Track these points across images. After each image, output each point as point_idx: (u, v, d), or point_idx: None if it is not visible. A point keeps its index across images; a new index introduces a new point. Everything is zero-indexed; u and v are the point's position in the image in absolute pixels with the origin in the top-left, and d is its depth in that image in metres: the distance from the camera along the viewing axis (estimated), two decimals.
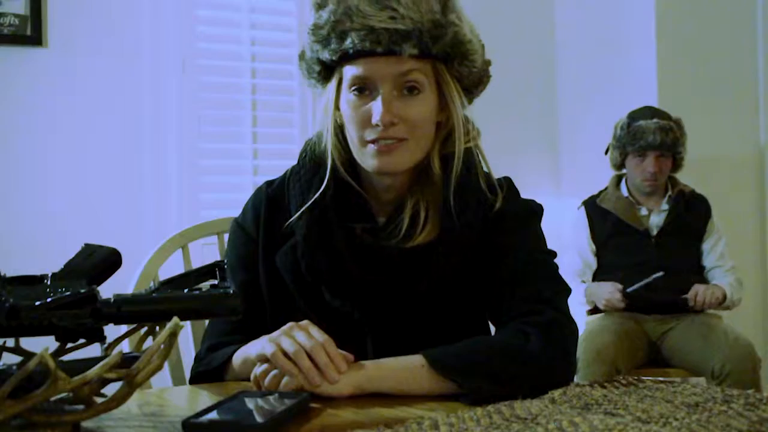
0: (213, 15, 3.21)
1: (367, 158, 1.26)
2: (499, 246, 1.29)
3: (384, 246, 1.27)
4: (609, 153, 3.29)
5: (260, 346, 1.14)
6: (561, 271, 1.32)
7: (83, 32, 2.96)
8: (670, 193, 3.22)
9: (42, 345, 0.84)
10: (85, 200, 2.95)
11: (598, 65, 3.81)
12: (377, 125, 1.22)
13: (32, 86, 2.89)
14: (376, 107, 1.22)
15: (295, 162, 1.36)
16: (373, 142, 1.24)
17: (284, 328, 1.14)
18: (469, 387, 1.09)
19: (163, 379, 1.59)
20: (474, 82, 1.31)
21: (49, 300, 0.88)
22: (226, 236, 1.45)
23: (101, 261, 1.00)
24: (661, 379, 1.21)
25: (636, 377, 1.20)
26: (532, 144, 3.89)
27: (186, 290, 0.98)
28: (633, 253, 3.13)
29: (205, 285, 1.02)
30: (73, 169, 2.94)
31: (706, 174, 3.56)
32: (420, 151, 1.27)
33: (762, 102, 3.83)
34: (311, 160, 1.33)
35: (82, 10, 2.96)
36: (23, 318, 0.87)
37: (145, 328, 1.03)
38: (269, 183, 1.40)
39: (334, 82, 1.28)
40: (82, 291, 0.90)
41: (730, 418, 0.94)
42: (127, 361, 0.90)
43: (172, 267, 1.63)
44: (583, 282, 3.19)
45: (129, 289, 1.54)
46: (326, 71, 1.29)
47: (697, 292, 3.05)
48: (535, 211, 1.35)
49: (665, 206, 3.21)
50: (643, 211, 3.22)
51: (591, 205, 3.28)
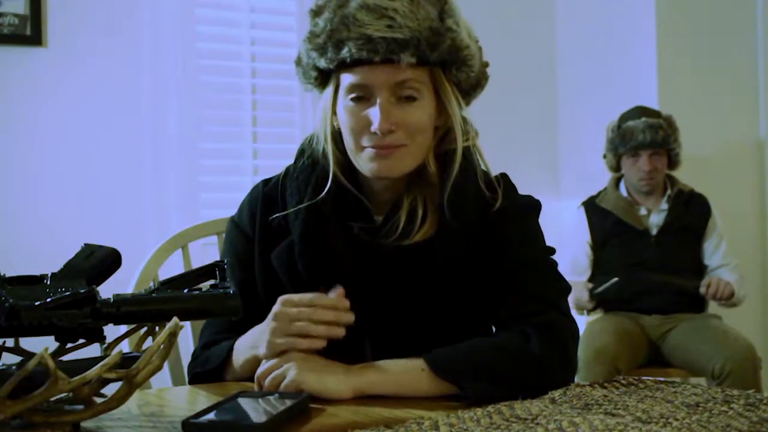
0: (213, 15, 3.21)
1: (365, 163, 1.25)
2: (497, 242, 1.28)
3: (381, 244, 1.27)
4: (605, 156, 3.31)
5: (252, 340, 1.20)
6: (560, 271, 1.32)
7: (83, 32, 2.96)
8: (669, 192, 3.22)
9: (42, 345, 0.84)
10: (85, 200, 2.95)
11: (598, 65, 3.81)
12: (376, 133, 1.21)
13: (32, 86, 2.89)
14: (375, 115, 1.21)
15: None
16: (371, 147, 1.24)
17: (269, 318, 1.16)
18: (471, 389, 1.09)
19: (162, 379, 1.59)
20: (472, 86, 1.30)
21: (48, 300, 0.88)
22: None
23: (101, 261, 1.00)
24: (661, 379, 1.21)
25: (636, 377, 1.20)
26: (532, 144, 3.88)
27: (186, 290, 0.98)
28: (633, 253, 3.14)
29: (205, 285, 1.03)
30: (73, 169, 2.94)
31: (705, 172, 3.56)
32: (419, 155, 1.27)
33: (762, 100, 3.82)
34: (308, 158, 1.33)
35: (81, 10, 2.96)
36: (23, 318, 0.87)
37: (145, 328, 1.03)
38: (266, 181, 1.40)
39: (331, 89, 1.27)
40: (82, 291, 0.90)
41: (731, 418, 0.94)
42: (126, 361, 0.90)
43: (172, 267, 1.63)
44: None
45: (129, 289, 1.54)
46: (323, 77, 1.29)
47: (711, 281, 3.05)
48: (533, 206, 1.35)
49: (665, 206, 3.21)
50: (643, 211, 3.22)
51: (591, 206, 3.28)
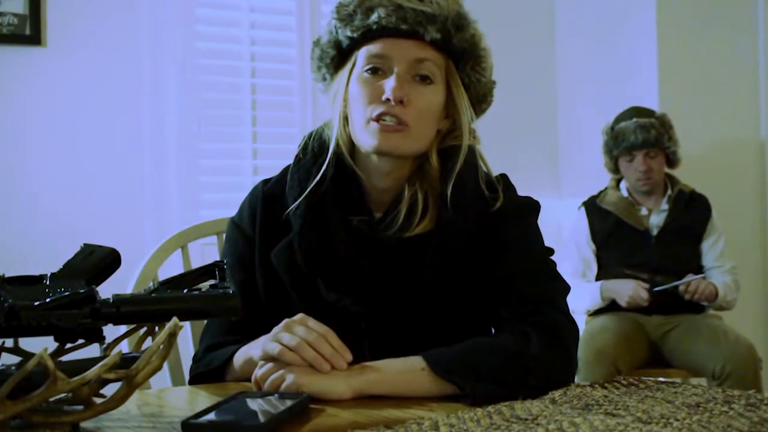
0: (213, 14, 3.21)
1: (368, 137, 1.26)
2: (497, 242, 1.29)
3: (381, 236, 1.28)
4: (604, 159, 3.31)
5: (261, 345, 1.14)
6: (561, 271, 1.32)
7: (82, 32, 2.96)
8: (669, 192, 3.22)
9: (41, 345, 0.83)
10: (85, 200, 2.95)
11: (598, 65, 3.81)
12: (387, 100, 1.23)
13: (31, 86, 2.89)
14: (389, 84, 1.24)
15: None
16: (377, 119, 1.24)
17: (281, 325, 1.14)
18: (471, 389, 1.09)
19: (162, 379, 1.59)
20: (479, 97, 1.33)
21: (48, 300, 0.88)
22: None
23: (100, 261, 1.00)
24: (661, 379, 1.21)
25: (636, 378, 1.20)
26: (532, 144, 3.88)
27: (186, 290, 0.98)
28: (633, 253, 3.14)
29: (205, 285, 1.02)
30: (73, 169, 2.94)
31: (705, 172, 3.56)
32: (419, 142, 1.28)
33: (763, 100, 3.82)
34: (312, 150, 1.33)
35: (81, 9, 2.95)
36: (22, 318, 0.87)
37: (145, 329, 1.02)
38: (266, 181, 1.40)
39: (347, 68, 1.29)
40: (81, 291, 0.90)
41: (731, 418, 0.94)
42: (126, 361, 0.90)
43: (172, 267, 1.63)
44: (587, 281, 3.18)
45: (128, 289, 1.54)
46: (339, 57, 1.31)
47: (690, 281, 3.06)
48: (532, 206, 1.35)
49: (665, 206, 3.21)
50: (643, 211, 3.22)
51: (591, 206, 3.28)
